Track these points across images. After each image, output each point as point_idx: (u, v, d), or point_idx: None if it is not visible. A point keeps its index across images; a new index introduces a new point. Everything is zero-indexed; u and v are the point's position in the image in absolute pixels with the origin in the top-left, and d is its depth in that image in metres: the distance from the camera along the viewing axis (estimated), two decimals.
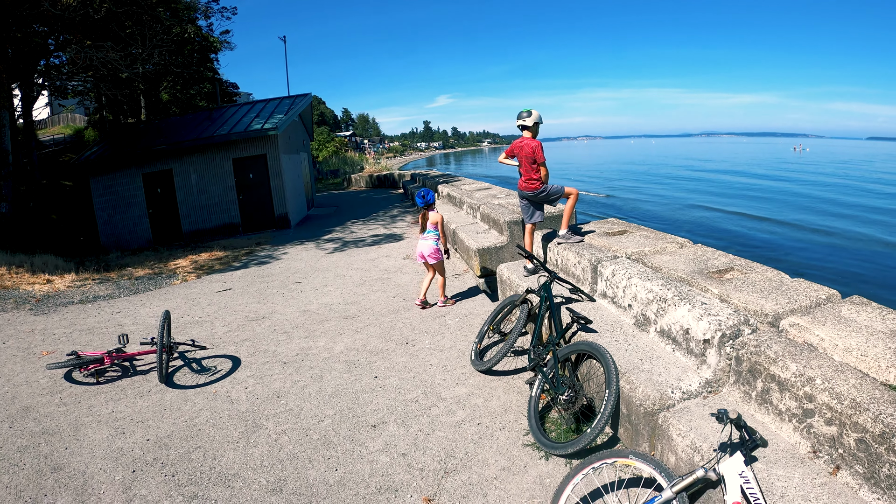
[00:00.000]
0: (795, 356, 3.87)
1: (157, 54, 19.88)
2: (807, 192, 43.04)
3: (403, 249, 13.99)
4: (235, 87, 41.28)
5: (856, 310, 4.54)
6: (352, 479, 4.50)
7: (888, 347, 3.84)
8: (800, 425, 3.64)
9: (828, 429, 3.42)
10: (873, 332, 4.10)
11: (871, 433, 3.14)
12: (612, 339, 5.46)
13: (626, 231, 8.07)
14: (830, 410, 3.39)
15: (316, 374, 6.64)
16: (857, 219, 30.33)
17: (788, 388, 3.72)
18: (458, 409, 5.65)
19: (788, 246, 23.82)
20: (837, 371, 3.66)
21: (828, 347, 4.01)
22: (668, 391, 4.38)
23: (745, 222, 30.12)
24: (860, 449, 3.22)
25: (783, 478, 3.33)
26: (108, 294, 10.89)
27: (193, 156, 18.84)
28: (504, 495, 4.24)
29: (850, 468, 3.29)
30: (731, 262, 6.09)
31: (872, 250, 22.94)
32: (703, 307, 4.81)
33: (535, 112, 7.37)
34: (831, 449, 3.41)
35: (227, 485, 4.46)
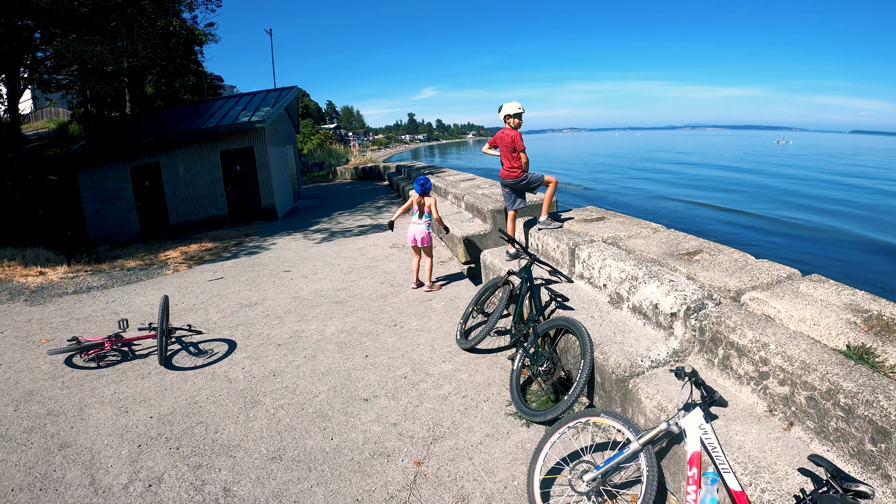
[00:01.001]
0: (753, 325, 4.22)
1: (143, 47, 19.91)
2: (784, 187, 43.15)
3: (390, 239, 14.23)
4: (220, 80, 41.15)
5: (813, 286, 4.90)
6: (347, 447, 4.81)
7: (840, 318, 4.20)
8: (756, 387, 3.99)
9: (781, 389, 3.77)
10: (827, 305, 4.47)
11: (819, 391, 3.49)
12: (587, 316, 5.80)
13: (603, 218, 8.40)
14: (783, 372, 3.74)
15: (309, 354, 6.92)
16: (832, 213, 30.73)
17: (746, 353, 4.07)
18: (445, 383, 5.96)
19: (763, 239, 24.16)
20: (790, 338, 4.01)
21: (784, 318, 4.36)
22: (637, 360, 4.72)
23: (723, 216, 30.37)
24: (810, 405, 3.56)
25: (741, 433, 3.68)
26: (101, 285, 11.08)
27: (181, 148, 18.90)
28: (489, 458, 4.57)
29: (802, 424, 3.64)
30: (701, 245, 6.46)
31: (847, 241, 23.39)
32: (670, 284, 5.15)
33: (514, 104, 7.64)
34: (785, 407, 3.76)
35: (230, 455, 4.74)
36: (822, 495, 2.78)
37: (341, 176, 40.92)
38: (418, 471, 4.46)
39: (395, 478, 4.37)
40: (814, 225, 27.20)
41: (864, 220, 28.66)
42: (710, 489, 3.10)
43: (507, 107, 7.60)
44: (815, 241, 23.61)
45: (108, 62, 18.34)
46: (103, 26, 18.88)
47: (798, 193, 38.79)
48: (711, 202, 35.02)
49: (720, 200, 35.67)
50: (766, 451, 3.50)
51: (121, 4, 18.89)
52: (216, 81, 39.62)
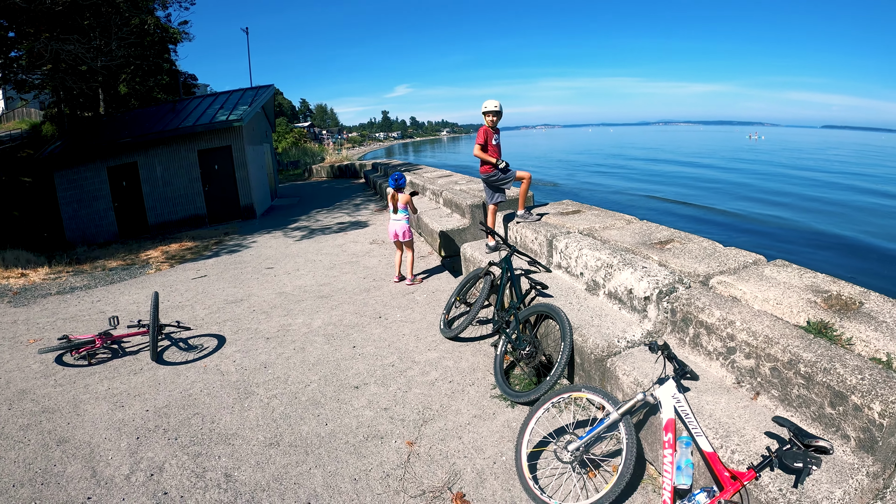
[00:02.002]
0: (720, 305, 4.51)
1: (117, 46, 19.77)
2: (753, 183, 43.46)
3: (369, 235, 14.40)
4: (194, 79, 40.82)
5: (777, 270, 5.23)
6: (341, 431, 5.01)
7: (801, 298, 4.51)
8: (725, 361, 4.28)
9: (747, 362, 4.06)
10: (790, 286, 4.78)
11: (781, 362, 3.77)
12: (566, 302, 6.05)
13: (579, 211, 8.69)
14: (748, 346, 4.03)
15: (298, 346, 7.09)
16: (798, 209, 31.28)
17: (714, 331, 4.36)
18: (431, 370, 6.19)
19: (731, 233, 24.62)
20: (755, 315, 4.30)
21: (749, 299, 4.66)
22: (614, 341, 4.99)
23: (693, 211, 30.77)
24: (774, 376, 3.85)
25: (712, 403, 3.97)
26: (84, 285, 11.12)
27: (158, 148, 18.82)
28: (477, 437, 4.82)
29: (767, 393, 3.93)
30: (672, 235, 6.77)
31: (812, 236, 23.96)
32: (643, 270, 5.43)
33: (489, 101, 7.88)
34: (751, 378, 4.05)
35: (228, 443, 4.91)
36: (786, 451, 3.09)
37: (317, 174, 40.87)
38: (411, 450, 4.68)
39: (389, 458, 4.59)
40: (781, 221, 27.73)
41: (830, 215, 29.24)
42: (684, 452, 3.38)
43: (484, 104, 7.84)
44: (780, 237, 24.15)
45: (86, 61, 18.17)
46: (79, 25, 18.73)
47: (767, 190, 39.15)
48: (681, 198, 35.35)
49: (690, 197, 35.99)
50: (735, 417, 3.79)
51: (96, 3, 18.77)
52: (190, 80, 39.29)
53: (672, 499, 3.29)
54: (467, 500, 4.02)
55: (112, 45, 19.32)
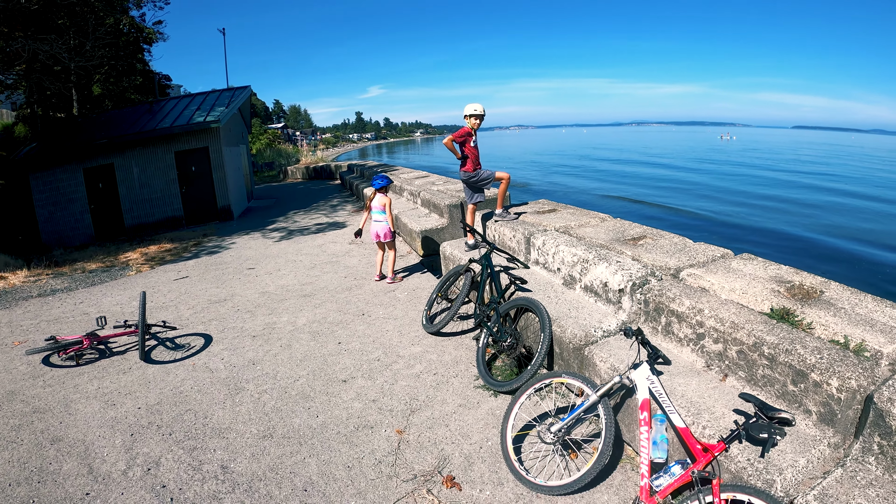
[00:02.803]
0: (690, 295, 4.80)
1: (92, 46, 19.62)
2: (724, 185, 43.83)
3: (348, 235, 14.54)
4: (168, 80, 40.52)
5: (744, 263, 5.52)
6: (332, 422, 5.19)
7: (766, 288, 4.80)
8: (695, 346, 4.56)
9: (715, 346, 4.33)
10: (755, 277, 5.07)
11: (746, 345, 4.05)
12: (544, 296, 6.31)
13: (555, 210, 8.95)
14: (716, 332, 4.31)
15: (284, 343, 7.24)
16: (769, 209, 31.84)
17: (684, 319, 4.63)
18: (416, 363, 6.39)
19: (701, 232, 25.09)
20: (722, 304, 4.59)
21: (717, 289, 4.93)
22: (591, 331, 5.25)
23: (668, 213, 31.16)
24: (740, 358, 4.13)
25: (683, 384, 4.24)
26: (65, 287, 11.11)
27: (135, 149, 18.70)
28: (463, 424, 5.04)
29: (735, 374, 4.20)
30: (645, 232, 7.05)
31: (783, 237, 24.52)
32: (617, 264, 5.70)
33: (471, 105, 8.07)
34: (720, 361, 4.33)
35: (222, 437, 5.05)
36: (752, 424, 3.37)
37: (292, 176, 40.80)
38: (401, 438, 4.89)
39: (380, 445, 4.79)
40: (749, 219, 28.28)
41: (794, 214, 29.89)
42: (659, 428, 3.63)
43: (469, 107, 8.03)
44: (749, 234, 24.68)
45: (62, 61, 18.02)
46: (54, 24, 18.57)
47: (736, 191, 39.54)
48: (653, 200, 35.68)
49: (662, 198, 36.33)
50: (706, 397, 4.06)
51: (71, 2, 18.60)
52: (164, 81, 39.01)
53: (649, 472, 3.53)
54: (457, 482, 4.23)
55: (87, 45, 19.18)
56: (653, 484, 3.47)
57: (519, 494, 4.09)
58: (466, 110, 8.01)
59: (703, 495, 3.25)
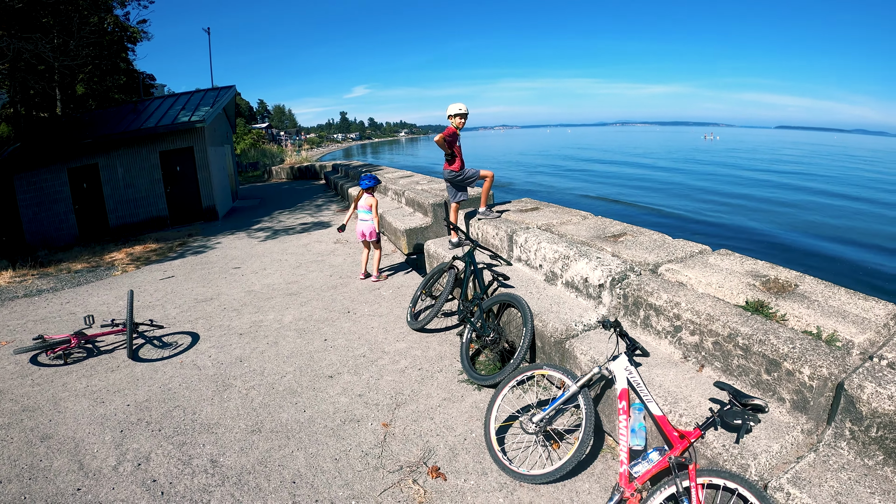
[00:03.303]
0: (667, 289, 4.92)
1: (77, 45, 19.46)
2: (707, 186, 43.90)
3: (333, 235, 14.58)
4: (152, 79, 40.22)
5: (721, 258, 5.66)
6: (319, 417, 5.27)
7: (742, 282, 4.93)
8: (672, 339, 4.68)
9: (692, 338, 4.46)
10: (732, 272, 5.21)
11: (721, 336, 4.18)
12: (526, 292, 6.42)
13: (537, 208, 9.07)
14: (693, 324, 4.43)
15: (271, 340, 7.30)
16: (746, 210, 32.15)
17: (662, 312, 4.75)
18: (401, 359, 6.48)
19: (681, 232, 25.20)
20: (698, 297, 4.71)
21: (694, 284, 5.06)
22: (572, 325, 5.37)
23: (649, 212, 31.36)
24: (716, 349, 4.25)
25: (661, 375, 4.36)
26: (51, 287, 11.08)
27: (120, 149, 18.57)
28: (448, 417, 5.14)
29: (711, 365, 4.33)
30: (625, 229, 7.18)
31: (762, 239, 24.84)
32: (597, 260, 5.83)
33: (454, 105, 8.14)
34: (696, 353, 4.45)
35: (211, 432, 5.11)
36: (726, 411, 3.50)
37: (277, 176, 40.66)
38: (387, 431, 4.97)
39: (366, 438, 4.87)
40: (731, 218, 28.58)
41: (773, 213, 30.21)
42: (637, 416, 3.75)
43: (454, 107, 8.11)
44: (730, 232, 24.99)
45: (48, 60, 17.86)
46: (39, 23, 18.41)
47: (719, 192, 39.58)
48: (634, 200, 35.85)
49: (643, 198, 36.49)
50: (683, 387, 4.18)
51: (55, 1, 18.43)
52: (148, 80, 38.73)
53: (628, 459, 3.64)
54: (442, 472, 4.32)
55: (71, 44, 19.04)
56: (631, 470, 3.58)
57: (502, 483, 4.19)
58: (450, 110, 8.08)
59: (680, 480, 3.35)
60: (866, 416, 3.28)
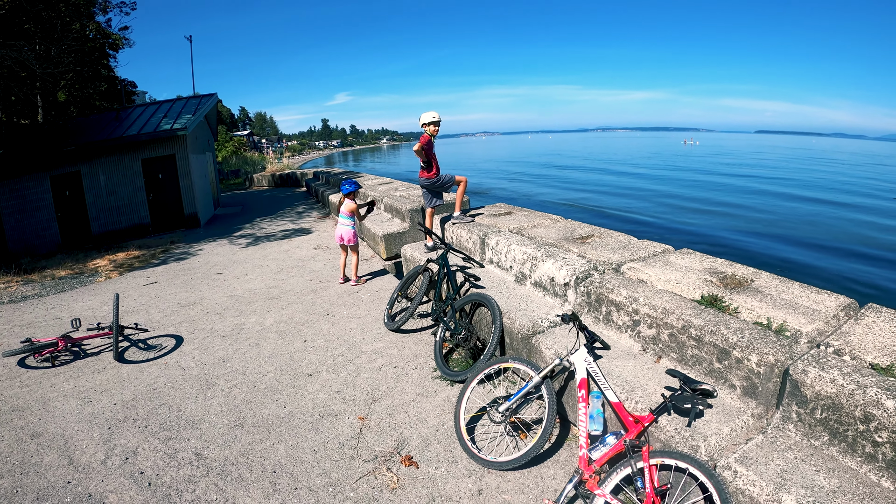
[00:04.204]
0: (627, 286, 5.19)
1: (59, 52, 19.44)
2: (683, 193, 44.02)
3: (313, 241, 14.75)
4: (133, 86, 40.05)
5: (682, 257, 5.94)
6: (299, 412, 5.46)
7: (699, 278, 5.21)
8: (632, 332, 4.95)
9: (650, 331, 4.72)
10: (690, 269, 5.48)
11: (676, 328, 4.44)
12: (497, 292, 6.66)
13: (510, 212, 9.33)
14: (650, 318, 4.69)
15: (253, 342, 7.46)
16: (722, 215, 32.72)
17: (622, 307, 5.02)
18: (378, 358, 6.69)
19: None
20: (656, 293, 4.98)
21: (654, 281, 5.33)
22: (538, 321, 5.62)
23: (622, 216, 31.80)
24: (672, 341, 4.52)
25: (620, 366, 4.62)
26: (36, 294, 11.14)
27: (102, 157, 18.54)
28: (421, 410, 5.36)
29: (667, 356, 4.60)
30: (593, 231, 7.46)
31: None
32: (563, 260, 6.10)
33: (427, 113, 8.36)
34: (654, 345, 4.72)
35: (196, 427, 5.28)
36: (677, 396, 3.76)
37: (258, 183, 40.61)
38: (363, 424, 5.18)
39: (344, 431, 5.07)
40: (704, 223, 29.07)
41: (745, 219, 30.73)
42: (595, 403, 4.01)
43: (427, 115, 8.33)
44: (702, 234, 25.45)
45: (32, 67, 17.82)
46: (21, 30, 18.36)
47: (694, 198, 39.96)
48: (613, 205, 36.23)
49: (620, 204, 36.91)
50: (640, 377, 4.44)
51: (36, 9, 18.41)
52: (129, 87, 38.56)
53: (587, 443, 3.87)
54: (415, 461, 4.54)
55: (53, 50, 19.01)
56: (590, 454, 3.81)
57: (471, 470, 4.41)
58: (424, 118, 8.29)
59: (634, 461, 3.59)
60: (811, 399, 3.54)
